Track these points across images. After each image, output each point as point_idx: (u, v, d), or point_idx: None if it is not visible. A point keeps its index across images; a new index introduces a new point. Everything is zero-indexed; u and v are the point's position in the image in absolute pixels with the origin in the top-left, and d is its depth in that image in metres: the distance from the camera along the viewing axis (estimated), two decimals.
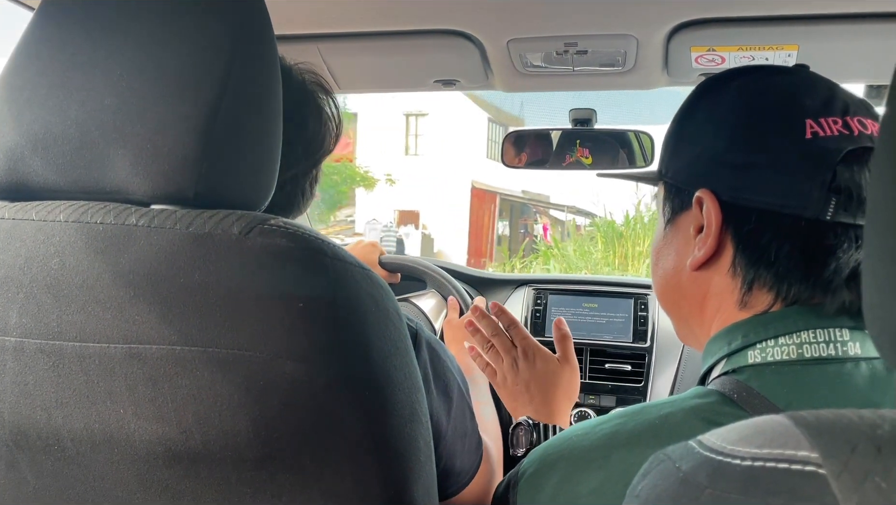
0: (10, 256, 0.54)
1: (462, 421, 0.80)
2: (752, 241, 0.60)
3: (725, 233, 0.61)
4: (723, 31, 1.11)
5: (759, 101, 0.62)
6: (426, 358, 0.74)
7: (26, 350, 0.53)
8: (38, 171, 0.57)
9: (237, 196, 0.57)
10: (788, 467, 0.30)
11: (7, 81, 0.58)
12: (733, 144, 0.61)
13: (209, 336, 0.51)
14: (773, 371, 0.57)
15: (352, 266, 0.55)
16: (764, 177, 0.58)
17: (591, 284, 1.87)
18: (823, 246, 0.57)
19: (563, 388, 1.01)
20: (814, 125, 0.58)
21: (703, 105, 0.66)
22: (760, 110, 0.61)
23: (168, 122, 0.54)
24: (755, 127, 0.60)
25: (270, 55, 0.60)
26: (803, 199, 0.56)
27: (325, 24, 1.19)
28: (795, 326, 0.57)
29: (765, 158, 0.59)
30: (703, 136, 0.64)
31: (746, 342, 0.59)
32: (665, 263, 0.69)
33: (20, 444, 0.55)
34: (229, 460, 0.53)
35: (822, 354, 0.56)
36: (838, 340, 0.56)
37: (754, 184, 0.59)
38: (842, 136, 0.57)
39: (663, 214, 0.70)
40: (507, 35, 1.17)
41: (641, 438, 0.56)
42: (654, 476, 0.37)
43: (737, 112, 0.62)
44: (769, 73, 0.65)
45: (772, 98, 0.61)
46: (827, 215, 0.56)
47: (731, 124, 0.62)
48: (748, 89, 0.63)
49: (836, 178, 0.56)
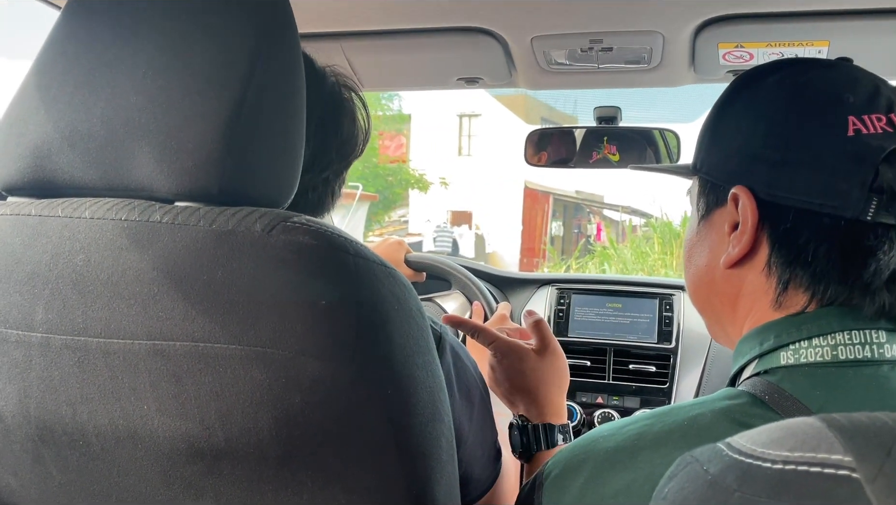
0: (37, 253, 0.55)
1: (482, 428, 0.79)
2: (788, 240, 0.58)
3: (761, 231, 0.60)
4: (751, 27, 1.10)
5: (800, 96, 0.60)
6: (449, 362, 0.74)
7: (52, 346, 0.54)
8: (64, 169, 0.57)
9: (261, 193, 0.57)
10: (821, 471, 0.29)
11: (34, 79, 0.59)
12: (771, 140, 0.59)
13: (232, 333, 0.51)
14: (806, 373, 0.55)
15: (374, 264, 0.54)
16: (802, 174, 0.57)
17: (615, 284, 1.86)
18: (863, 247, 0.55)
19: (548, 380, 0.94)
20: (857, 122, 0.56)
21: (740, 99, 0.65)
22: (801, 106, 0.59)
23: (192, 119, 0.54)
24: (795, 123, 0.59)
25: (294, 53, 0.60)
26: (843, 198, 0.55)
27: (348, 23, 1.19)
28: (830, 327, 0.56)
29: (804, 156, 0.57)
30: (740, 132, 0.63)
31: (779, 343, 0.57)
32: (698, 260, 0.68)
33: (45, 439, 0.56)
34: (251, 457, 0.53)
35: (858, 355, 0.54)
36: (874, 341, 0.55)
37: (792, 181, 0.57)
38: (886, 133, 0.55)
39: (697, 210, 0.69)
40: (531, 32, 1.17)
41: (669, 439, 0.55)
42: (681, 478, 0.36)
43: (776, 107, 0.61)
44: (811, 66, 0.63)
45: (813, 93, 0.60)
46: (868, 216, 0.54)
47: (769, 120, 0.60)
48: (788, 83, 0.61)
49: (878, 177, 0.54)
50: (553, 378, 0.94)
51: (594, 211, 19.37)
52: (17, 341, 0.55)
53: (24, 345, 0.55)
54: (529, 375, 0.94)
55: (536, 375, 0.94)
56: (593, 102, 1.57)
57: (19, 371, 0.55)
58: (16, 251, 0.55)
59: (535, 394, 0.93)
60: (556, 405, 0.93)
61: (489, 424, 0.81)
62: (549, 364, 0.95)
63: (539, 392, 0.93)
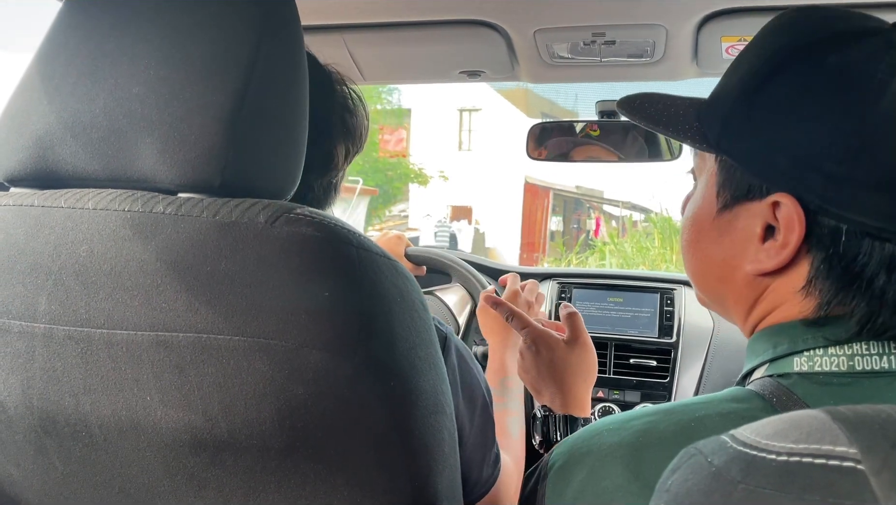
0: (40, 244, 0.55)
1: (483, 431, 0.79)
2: (839, 262, 0.52)
3: (803, 245, 0.54)
4: (755, 20, 1.09)
5: (874, 104, 0.50)
6: (455, 363, 0.74)
7: (55, 337, 0.54)
8: (67, 160, 0.57)
9: (263, 185, 0.57)
10: (826, 463, 0.29)
11: (36, 70, 0.59)
12: (836, 151, 0.50)
13: (235, 324, 0.51)
14: (821, 382, 0.53)
15: (377, 256, 0.54)
16: (864, 194, 0.50)
17: (616, 279, 1.86)
18: None
19: (575, 372, 0.94)
20: None
21: (788, 80, 0.54)
22: (880, 113, 0.50)
23: (194, 110, 0.54)
24: (869, 135, 0.50)
25: (296, 45, 0.60)
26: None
27: (351, 15, 1.19)
28: (848, 335, 0.53)
29: (874, 174, 0.50)
30: (790, 125, 0.53)
31: (793, 348, 0.55)
32: (712, 252, 0.62)
33: (48, 430, 0.56)
34: (254, 449, 0.53)
35: (875, 366, 0.52)
36: (893, 352, 0.52)
37: (854, 200, 0.50)
38: None
39: (717, 196, 0.60)
40: (533, 25, 1.16)
41: (674, 439, 0.53)
42: (684, 470, 0.36)
43: (843, 108, 0.51)
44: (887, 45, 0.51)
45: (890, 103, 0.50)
46: None
47: (834, 124, 0.51)
48: (856, 78, 0.51)
49: None
50: (580, 371, 0.95)
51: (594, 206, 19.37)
52: (21, 332, 0.55)
53: (28, 336, 0.55)
54: (557, 364, 0.94)
55: (564, 366, 0.94)
56: (594, 97, 1.56)
57: (22, 362, 0.55)
58: (19, 242, 0.55)
59: (561, 385, 0.93)
60: (581, 399, 0.94)
61: (490, 427, 0.81)
62: (577, 356, 0.95)
63: (565, 383, 0.93)
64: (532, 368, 0.96)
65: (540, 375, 0.95)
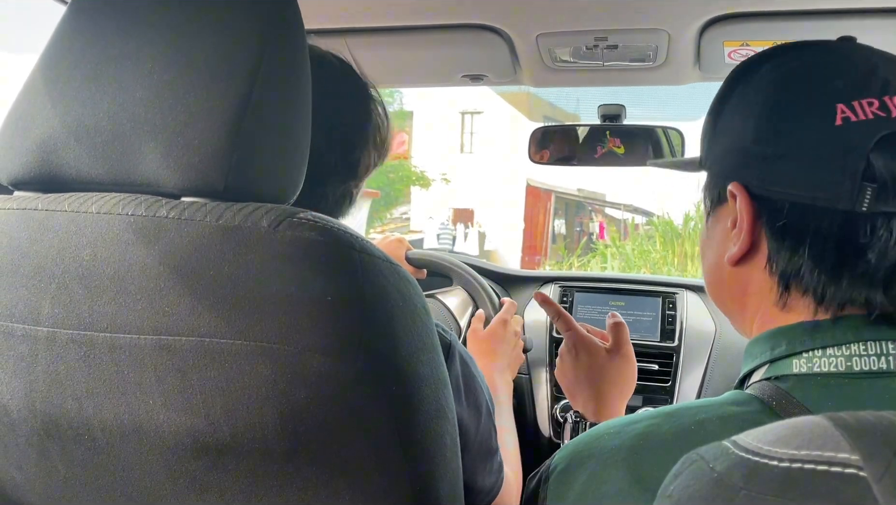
0: (43, 247, 0.55)
1: (488, 439, 0.79)
2: (786, 236, 0.57)
3: (760, 227, 0.59)
4: (757, 25, 1.09)
5: (788, 86, 0.58)
6: (458, 370, 0.74)
7: (58, 340, 0.54)
8: (71, 163, 0.57)
9: (266, 189, 0.57)
10: (828, 469, 0.29)
11: (40, 74, 0.59)
12: (762, 134, 0.58)
13: (238, 329, 0.51)
14: (819, 383, 0.54)
15: (380, 260, 0.55)
16: (794, 168, 0.55)
17: (618, 282, 1.85)
18: (858, 239, 0.53)
19: (612, 381, 0.94)
20: (845, 110, 0.54)
21: (735, 92, 0.63)
22: (788, 97, 0.58)
23: (198, 114, 0.54)
24: (783, 115, 0.57)
25: (300, 48, 0.60)
26: (835, 190, 0.53)
27: (353, 19, 1.19)
28: (845, 337, 0.54)
29: (794, 149, 0.56)
30: (733, 126, 0.61)
31: (791, 350, 0.56)
32: (709, 257, 0.67)
33: (51, 433, 0.56)
34: (256, 453, 0.53)
35: (873, 367, 0.53)
36: (891, 352, 0.53)
37: (784, 176, 0.56)
38: (877, 119, 0.53)
39: (705, 206, 0.68)
40: (536, 29, 1.16)
41: (675, 442, 0.54)
42: (686, 476, 0.36)
43: (764, 99, 0.59)
44: (805, 50, 0.61)
45: (801, 81, 0.58)
46: (863, 206, 0.52)
47: (758, 114, 0.59)
48: (778, 72, 0.60)
49: (870, 165, 0.52)
50: (618, 381, 0.95)
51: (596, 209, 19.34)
52: (24, 335, 0.55)
53: (31, 339, 0.55)
54: (595, 371, 0.95)
55: (602, 374, 0.95)
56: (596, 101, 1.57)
57: (25, 365, 0.55)
58: (22, 245, 0.56)
59: (597, 392, 0.94)
60: (614, 408, 0.94)
61: (494, 435, 0.81)
62: (616, 367, 0.96)
63: (600, 391, 0.94)
64: (570, 371, 0.97)
65: (577, 379, 0.96)
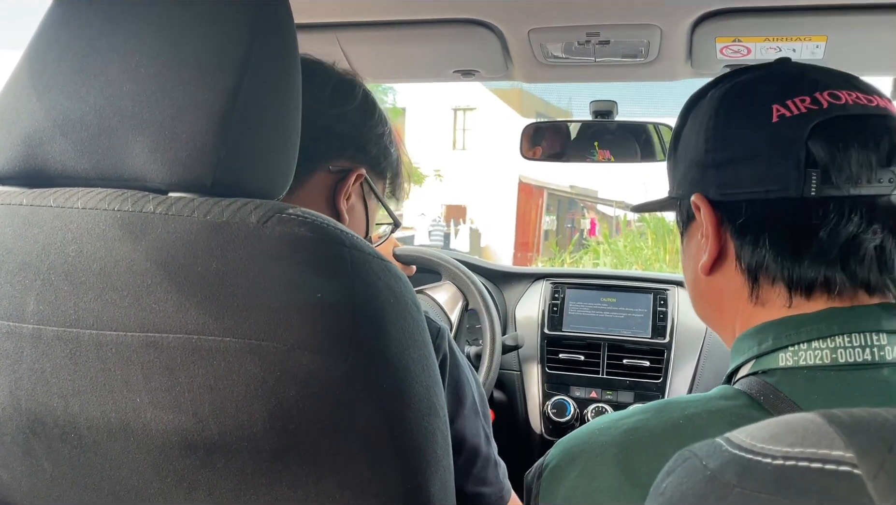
0: (28, 243, 0.54)
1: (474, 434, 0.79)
2: (747, 232, 0.60)
3: (725, 232, 0.62)
4: (749, 21, 1.09)
5: (731, 100, 0.64)
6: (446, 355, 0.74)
7: (43, 337, 0.53)
8: (57, 158, 0.56)
9: (255, 185, 0.57)
10: (822, 467, 0.29)
11: (26, 67, 0.58)
12: (711, 144, 0.62)
13: (226, 326, 0.50)
14: (806, 376, 0.55)
15: (370, 257, 0.54)
16: (744, 169, 0.60)
17: (609, 279, 1.86)
18: (811, 222, 0.57)
19: None
20: (780, 108, 0.58)
21: (689, 118, 0.68)
22: (731, 108, 0.63)
23: (186, 109, 0.54)
24: (728, 123, 0.62)
25: (290, 43, 0.60)
26: (783, 180, 0.57)
27: (344, 13, 1.18)
28: (830, 330, 0.56)
29: (741, 151, 0.60)
30: (689, 146, 0.66)
31: (777, 344, 0.57)
32: (687, 274, 0.71)
33: (37, 431, 0.55)
34: (245, 451, 0.52)
35: (858, 359, 0.54)
36: (875, 344, 0.55)
37: (738, 178, 0.60)
38: (810, 112, 0.57)
39: (679, 228, 0.72)
40: (527, 25, 1.16)
41: (663, 436, 0.55)
42: (679, 473, 0.36)
43: (711, 114, 0.64)
44: (744, 71, 0.66)
45: (740, 94, 0.63)
46: (811, 191, 0.56)
47: (707, 127, 0.64)
48: (721, 91, 0.65)
49: (810, 153, 0.56)
50: None
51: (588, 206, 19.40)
52: (9, 333, 0.54)
53: (16, 336, 0.54)
54: None
55: None
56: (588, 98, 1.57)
57: (10, 363, 0.54)
58: (7, 241, 0.55)
59: None
60: None
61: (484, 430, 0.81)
62: None
63: None
64: None
65: None
